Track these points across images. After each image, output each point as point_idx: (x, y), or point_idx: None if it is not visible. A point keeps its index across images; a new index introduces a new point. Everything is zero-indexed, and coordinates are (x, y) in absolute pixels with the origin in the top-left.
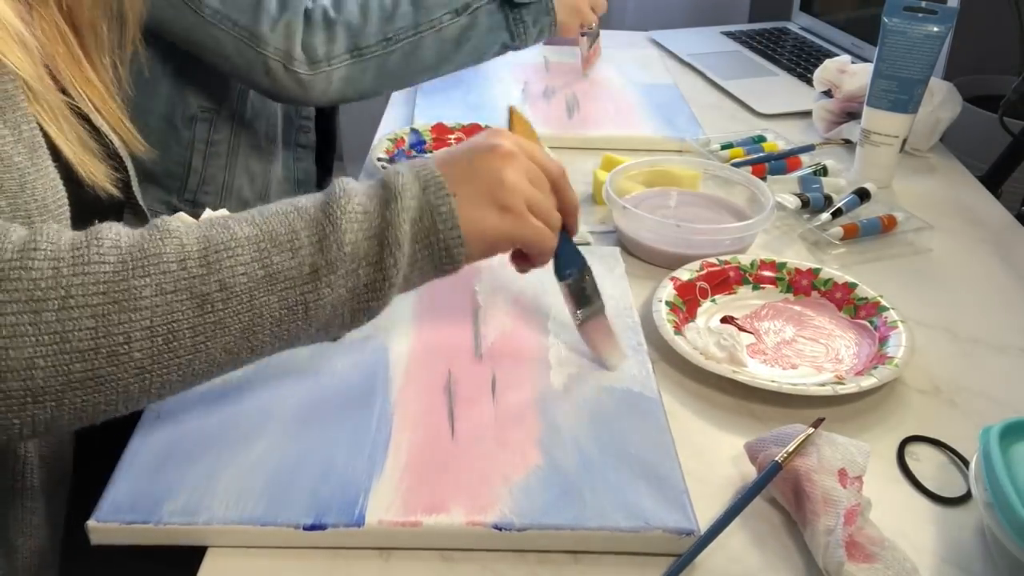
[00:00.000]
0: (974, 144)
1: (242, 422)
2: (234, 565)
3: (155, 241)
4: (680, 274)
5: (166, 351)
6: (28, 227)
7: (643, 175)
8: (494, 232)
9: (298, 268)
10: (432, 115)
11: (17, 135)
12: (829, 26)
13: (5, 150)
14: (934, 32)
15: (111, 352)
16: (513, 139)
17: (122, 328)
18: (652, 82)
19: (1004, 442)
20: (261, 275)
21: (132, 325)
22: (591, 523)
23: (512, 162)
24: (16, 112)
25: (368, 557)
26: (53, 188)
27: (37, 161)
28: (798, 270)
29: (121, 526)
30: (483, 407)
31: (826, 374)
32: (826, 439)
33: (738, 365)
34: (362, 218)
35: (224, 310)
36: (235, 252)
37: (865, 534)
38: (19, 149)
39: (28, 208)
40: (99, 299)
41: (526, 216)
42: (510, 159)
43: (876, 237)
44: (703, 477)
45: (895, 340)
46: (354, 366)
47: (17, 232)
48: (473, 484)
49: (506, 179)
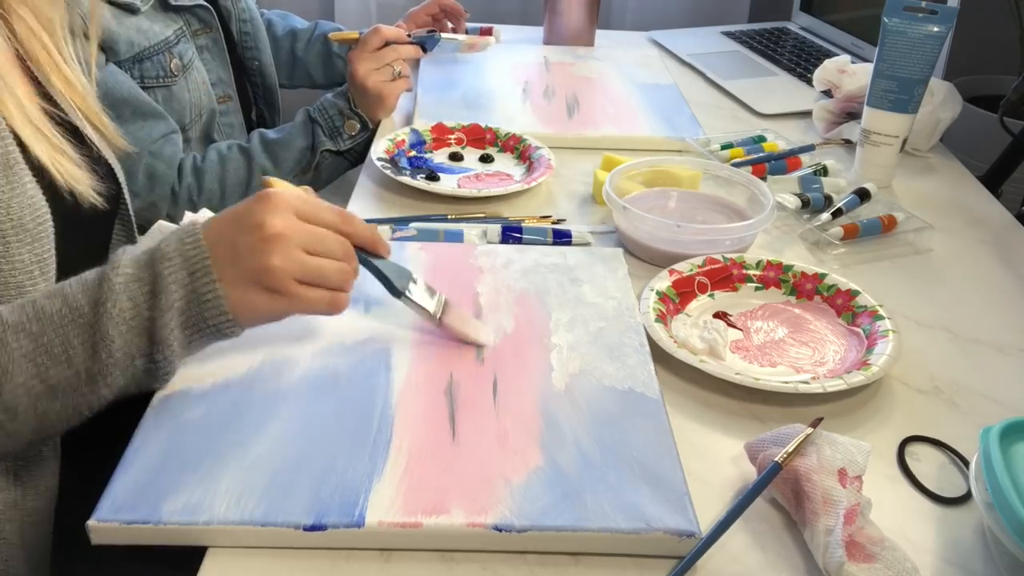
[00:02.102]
0: (974, 144)
1: (243, 422)
2: (234, 565)
3: None
4: (681, 267)
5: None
6: None
7: (643, 175)
8: (265, 311)
9: (76, 377)
10: (432, 115)
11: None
12: (829, 26)
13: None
14: (934, 32)
15: None
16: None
17: None
18: (652, 82)
19: (1004, 442)
20: (41, 389)
21: None
22: (592, 524)
23: (277, 244)
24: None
25: (368, 558)
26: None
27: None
28: (804, 274)
29: (121, 526)
30: (484, 409)
31: (803, 375)
32: (826, 439)
33: (717, 358)
34: (130, 315)
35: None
36: (12, 374)
37: (865, 534)
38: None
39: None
40: None
41: (296, 294)
42: (275, 242)
43: (876, 237)
44: (703, 478)
45: (880, 348)
46: (356, 367)
47: None
48: (474, 485)
49: (271, 264)
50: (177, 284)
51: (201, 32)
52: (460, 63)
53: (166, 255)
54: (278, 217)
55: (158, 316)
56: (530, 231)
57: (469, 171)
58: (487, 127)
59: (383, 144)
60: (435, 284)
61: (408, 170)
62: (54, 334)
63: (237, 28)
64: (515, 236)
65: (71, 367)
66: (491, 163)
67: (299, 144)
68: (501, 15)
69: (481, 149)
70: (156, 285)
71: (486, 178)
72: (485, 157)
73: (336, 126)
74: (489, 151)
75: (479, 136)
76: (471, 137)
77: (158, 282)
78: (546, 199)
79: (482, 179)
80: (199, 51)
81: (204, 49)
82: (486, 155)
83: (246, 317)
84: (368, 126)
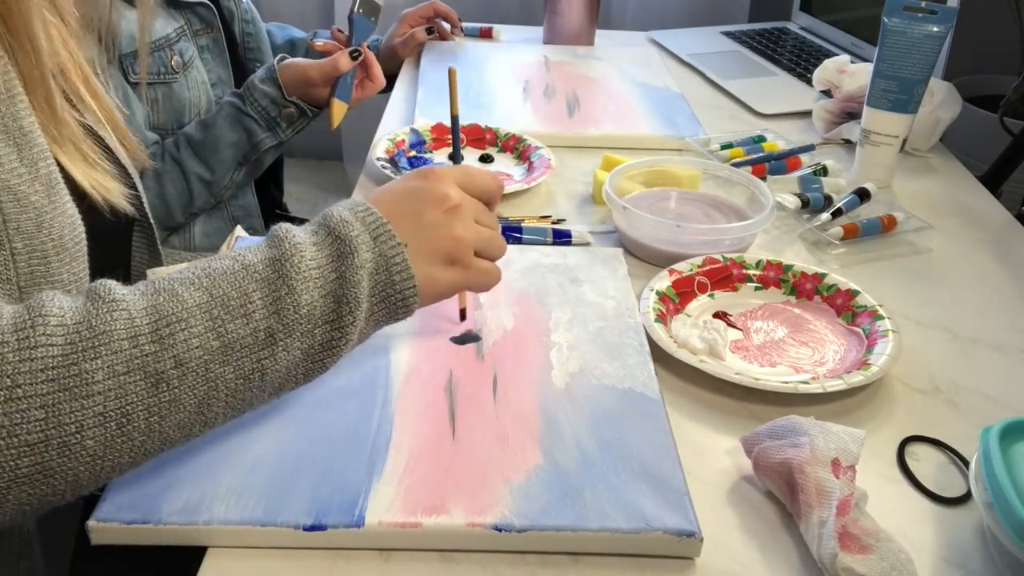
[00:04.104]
0: (974, 144)
1: (242, 422)
2: (234, 565)
3: (103, 316)
4: (680, 267)
5: (119, 436)
6: None
7: (643, 175)
8: (446, 285)
9: (253, 335)
10: (432, 115)
11: (34, 173)
12: (829, 26)
13: (22, 189)
14: (934, 32)
15: (62, 443)
16: (449, 178)
17: (74, 417)
18: (652, 82)
19: (1004, 442)
20: (216, 346)
21: (84, 413)
22: (591, 524)
23: (460, 215)
24: (33, 149)
25: (368, 558)
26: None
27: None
28: (804, 274)
29: (121, 526)
30: (484, 407)
31: (803, 375)
32: (820, 428)
33: (717, 358)
34: (316, 275)
35: (180, 387)
36: (188, 323)
37: (860, 526)
38: (36, 187)
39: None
40: (48, 387)
41: (473, 265)
42: (458, 212)
43: (876, 237)
44: (703, 477)
45: (880, 348)
46: (355, 366)
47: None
48: (473, 485)
49: (456, 234)
50: (366, 246)
51: (202, 32)
52: (460, 63)
53: (344, 219)
54: (453, 189)
55: (350, 275)
56: (530, 231)
57: None
58: (487, 127)
59: (383, 144)
60: None
61: (408, 170)
62: (229, 287)
63: (240, 29)
64: (515, 236)
65: (250, 322)
66: (491, 163)
67: (230, 139)
68: (501, 15)
69: (481, 149)
70: (342, 247)
71: None
72: (485, 157)
73: (271, 116)
74: (489, 151)
75: (479, 136)
76: (471, 137)
77: (344, 243)
78: (546, 199)
79: None
80: (200, 51)
81: (205, 49)
82: (486, 155)
83: (428, 291)
84: (307, 112)
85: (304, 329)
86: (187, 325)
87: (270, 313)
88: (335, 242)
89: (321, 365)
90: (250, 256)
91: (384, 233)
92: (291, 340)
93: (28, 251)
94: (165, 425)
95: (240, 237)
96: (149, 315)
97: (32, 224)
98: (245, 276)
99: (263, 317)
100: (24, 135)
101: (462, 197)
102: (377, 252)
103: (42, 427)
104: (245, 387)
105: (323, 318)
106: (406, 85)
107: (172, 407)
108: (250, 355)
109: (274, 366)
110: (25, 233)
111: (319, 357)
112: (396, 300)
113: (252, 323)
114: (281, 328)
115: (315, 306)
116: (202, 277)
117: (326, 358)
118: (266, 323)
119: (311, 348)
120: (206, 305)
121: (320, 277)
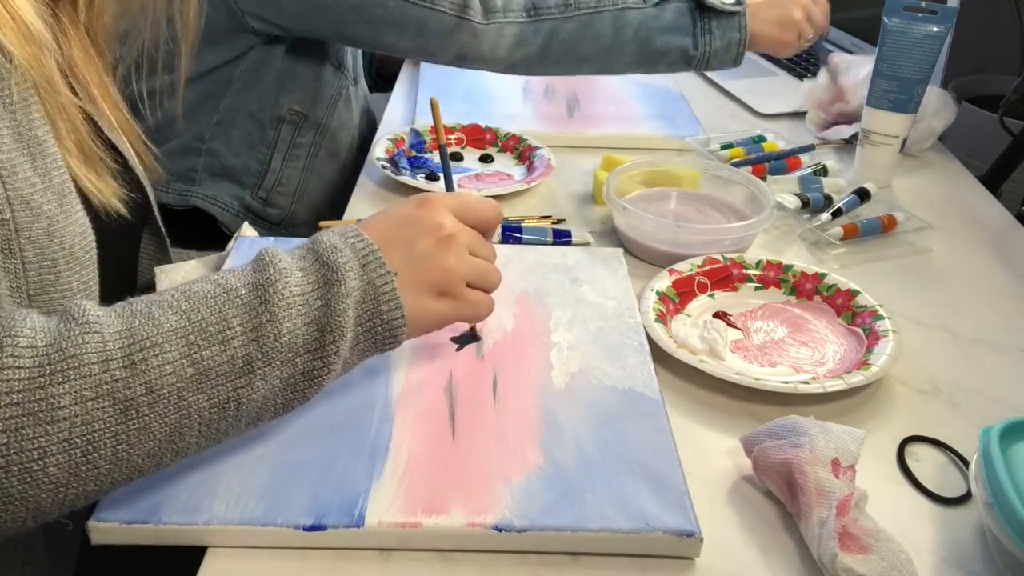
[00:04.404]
0: (974, 144)
1: None
2: (234, 565)
3: (74, 339)
4: (680, 267)
5: (84, 463)
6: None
7: (643, 175)
8: (434, 317)
9: (230, 362)
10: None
11: (47, 182)
12: (829, 26)
13: (35, 198)
14: (934, 32)
15: (23, 469)
16: (444, 208)
17: (36, 443)
18: (652, 82)
19: (1004, 442)
20: (190, 373)
21: (48, 439)
22: (591, 524)
23: (454, 246)
24: (47, 158)
25: (368, 558)
26: (82, 234)
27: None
28: (804, 273)
29: (121, 526)
30: (484, 408)
31: (803, 375)
32: (820, 428)
33: (717, 358)
34: (300, 302)
35: (150, 415)
36: (162, 348)
37: (860, 526)
38: (49, 196)
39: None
40: (12, 410)
41: (464, 297)
42: (451, 243)
43: (876, 237)
44: (703, 477)
45: (880, 348)
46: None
47: None
48: (473, 485)
49: (448, 266)
50: (354, 273)
51: None
52: None
53: (333, 244)
54: (448, 218)
55: (336, 303)
56: (530, 231)
57: (469, 171)
58: (487, 127)
59: (383, 144)
60: None
61: (408, 170)
62: (209, 312)
63: None
64: (515, 236)
65: (227, 349)
66: (491, 163)
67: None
68: None
69: (481, 149)
70: (329, 273)
71: (486, 178)
72: (485, 157)
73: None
74: (489, 151)
75: (479, 136)
76: (471, 137)
77: (332, 270)
78: (546, 199)
79: (482, 179)
80: None
81: None
82: (486, 155)
83: (416, 323)
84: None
85: (284, 358)
86: (161, 350)
87: (249, 340)
88: (322, 268)
89: (302, 395)
90: (233, 280)
91: (374, 260)
92: (270, 369)
93: (39, 260)
94: (133, 453)
95: (242, 236)
96: (123, 339)
97: (43, 233)
98: (226, 301)
99: (241, 344)
100: (38, 144)
101: (456, 227)
102: (365, 280)
103: (3, 452)
104: (220, 416)
105: (305, 347)
106: (406, 85)
107: (141, 435)
108: (226, 383)
109: (251, 395)
110: (36, 242)
111: (300, 387)
112: (383, 330)
113: (230, 350)
114: (260, 356)
115: (297, 334)
116: (181, 300)
117: (307, 387)
118: (244, 351)
119: (291, 377)
120: (183, 330)
121: (304, 304)
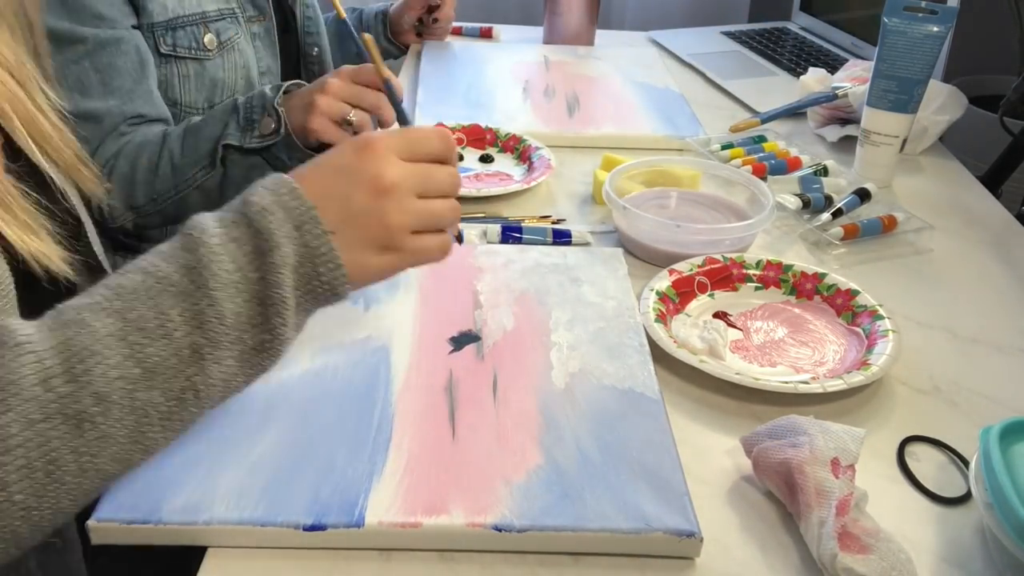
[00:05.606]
0: (974, 144)
1: (243, 422)
2: (234, 565)
3: (7, 364)
4: (680, 267)
5: (49, 483)
6: None
7: (643, 175)
8: (377, 271)
9: (177, 355)
10: (432, 115)
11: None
12: (829, 26)
13: None
14: (934, 32)
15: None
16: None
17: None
18: (652, 82)
19: (1004, 442)
20: (138, 373)
21: (6, 469)
22: (591, 524)
23: (392, 198)
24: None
25: (368, 558)
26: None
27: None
28: (804, 273)
29: (121, 526)
30: (484, 407)
31: (803, 375)
32: (819, 427)
33: (717, 358)
34: (238, 279)
35: (105, 422)
36: (103, 355)
37: (860, 526)
38: None
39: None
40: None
41: (410, 248)
42: (391, 195)
43: (876, 237)
44: (703, 477)
45: (880, 348)
46: (355, 366)
47: None
48: (473, 485)
49: (387, 221)
50: (288, 239)
51: (256, 19)
52: (460, 63)
53: (264, 208)
54: (389, 166)
55: (272, 275)
56: (530, 231)
57: (469, 171)
58: (487, 127)
59: None
60: (435, 284)
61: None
62: (144, 307)
63: (300, 13)
64: (515, 236)
65: (171, 342)
66: (491, 163)
67: (210, 132)
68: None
69: (481, 149)
70: (261, 242)
71: (486, 178)
72: (485, 157)
73: (252, 119)
74: (489, 151)
75: (479, 136)
76: (471, 137)
77: (263, 239)
78: (546, 199)
79: (482, 179)
80: (252, 38)
81: (257, 36)
82: (486, 155)
83: (359, 278)
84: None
85: (232, 338)
86: (103, 357)
87: (192, 329)
88: (255, 236)
89: (260, 367)
90: (164, 266)
91: (309, 221)
92: (220, 352)
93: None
94: (98, 462)
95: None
96: (59, 353)
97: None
98: (160, 292)
99: (185, 334)
100: None
101: (398, 173)
102: (301, 243)
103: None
104: (180, 407)
105: (251, 322)
106: (406, 85)
107: (102, 443)
108: (178, 375)
109: (207, 380)
110: None
111: (255, 360)
112: (324, 290)
113: (174, 343)
114: (207, 342)
115: (240, 313)
116: (113, 299)
117: (263, 359)
118: (189, 339)
119: (243, 354)
120: (121, 332)
121: (242, 280)
